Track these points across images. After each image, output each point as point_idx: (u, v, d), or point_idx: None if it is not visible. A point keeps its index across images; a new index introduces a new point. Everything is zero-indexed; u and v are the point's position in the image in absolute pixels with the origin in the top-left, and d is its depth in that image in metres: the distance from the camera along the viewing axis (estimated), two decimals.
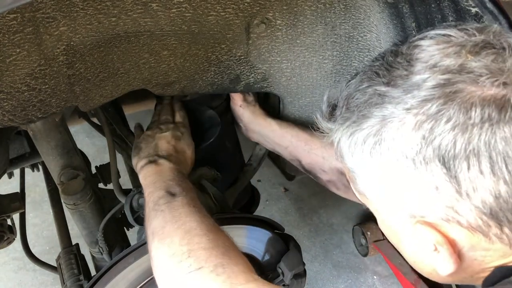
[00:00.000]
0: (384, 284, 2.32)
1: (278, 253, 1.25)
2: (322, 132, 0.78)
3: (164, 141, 1.17)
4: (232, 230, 1.20)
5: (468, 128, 0.60)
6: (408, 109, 0.64)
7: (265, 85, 1.23)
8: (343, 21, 1.09)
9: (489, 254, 0.66)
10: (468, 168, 0.61)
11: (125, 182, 1.39)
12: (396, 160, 0.65)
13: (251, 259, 1.24)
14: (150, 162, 1.12)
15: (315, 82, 1.24)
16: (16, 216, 1.56)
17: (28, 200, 1.87)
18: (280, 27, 1.09)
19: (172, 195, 0.99)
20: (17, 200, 1.48)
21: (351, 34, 1.11)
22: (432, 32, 0.69)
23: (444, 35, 0.68)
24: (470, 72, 0.62)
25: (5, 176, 1.61)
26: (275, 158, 1.88)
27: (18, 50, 0.86)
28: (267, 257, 1.27)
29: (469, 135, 0.60)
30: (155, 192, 1.01)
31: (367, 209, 0.78)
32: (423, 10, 0.88)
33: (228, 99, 1.41)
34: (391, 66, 0.69)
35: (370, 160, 0.68)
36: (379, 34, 1.05)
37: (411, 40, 0.70)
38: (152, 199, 1.00)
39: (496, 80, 0.61)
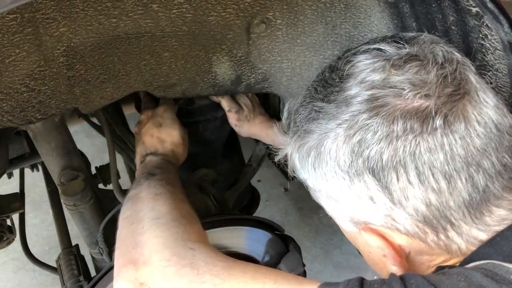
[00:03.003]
0: None
1: (278, 254, 1.25)
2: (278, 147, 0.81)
3: (148, 135, 1.21)
4: (232, 231, 1.20)
5: (393, 140, 0.62)
6: (339, 124, 0.67)
7: (266, 85, 1.23)
8: (344, 20, 1.08)
9: (433, 259, 0.69)
10: (397, 178, 0.63)
11: (125, 182, 1.39)
12: (335, 173, 0.68)
13: (251, 260, 1.25)
14: (141, 162, 1.18)
15: None
16: (15, 217, 1.56)
17: (27, 200, 1.86)
18: (280, 27, 1.08)
19: (152, 174, 1.06)
20: (17, 201, 1.48)
21: (352, 34, 1.11)
22: (365, 47, 0.72)
23: (374, 49, 0.70)
24: (393, 86, 0.64)
25: (5, 176, 1.61)
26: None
27: (17, 50, 0.86)
28: (267, 258, 1.26)
29: (394, 147, 0.62)
30: (138, 177, 1.08)
31: None
32: (424, 10, 0.88)
33: None
34: (326, 82, 0.73)
35: (314, 173, 0.71)
36: (379, 33, 1.04)
37: (346, 55, 0.73)
38: (134, 182, 1.08)
39: (418, 93, 0.63)
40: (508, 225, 0.64)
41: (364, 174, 0.65)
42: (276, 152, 0.81)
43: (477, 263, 0.62)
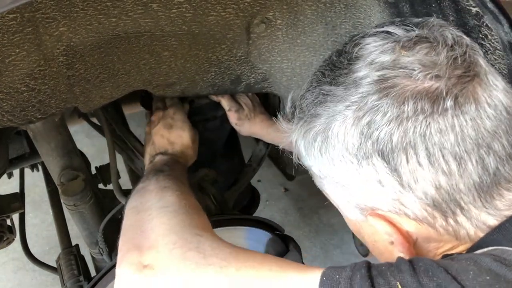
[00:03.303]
0: None
1: (278, 254, 1.25)
2: (283, 133, 0.80)
3: (159, 136, 1.21)
4: (232, 231, 1.20)
5: (403, 121, 0.61)
6: (348, 106, 0.65)
7: (265, 85, 1.23)
8: (344, 20, 1.08)
9: (440, 246, 0.68)
10: (407, 160, 0.62)
11: (125, 182, 1.39)
12: (342, 156, 0.67)
13: None
14: (151, 162, 1.18)
15: None
16: (15, 217, 1.56)
17: (27, 200, 1.86)
18: (280, 27, 1.08)
19: (160, 171, 1.07)
20: (17, 200, 1.48)
21: (352, 34, 1.11)
22: (373, 30, 0.71)
23: (383, 31, 0.69)
24: (404, 67, 0.63)
25: (5, 176, 1.61)
26: (275, 158, 1.89)
27: (17, 50, 0.86)
28: None
29: (404, 128, 0.61)
30: (147, 173, 1.09)
31: None
32: (424, 10, 0.88)
33: None
34: (334, 66, 0.71)
35: (321, 158, 0.70)
36: None
37: (354, 38, 0.72)
38: (142, 177, 1.08)
39: (428, 73, 0.62)
40: None
41: (373, 156, 0.64)
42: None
43: (485, 249, 0.61)
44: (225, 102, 1.35)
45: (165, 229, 0.78)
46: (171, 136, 1.21)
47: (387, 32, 0.69)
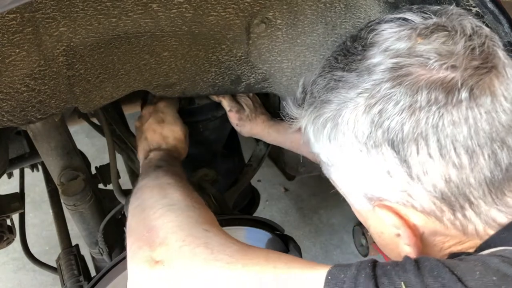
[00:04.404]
0: None
1: None
2: (292, 119, 0.79)
3: (151, 131, 1.21)
4: (232, 231, 1.20)
5: (416, 111, 0.60)
6: (360, 93, 0.64)
7: (266, 85, 1.23)
8: (344, 20, 1.08)
9: (447, 240, 0.67)
10: (417, 151, 0.61)
11: (125, 182, 1.39)
12: (351, 144, 0.66)
13: None
14: (146, 158, 1.17)
15: None
16: (15, 217, 1.56)
17: (27, 200, 1.86)
18: (280, 27, 1.08)
19: (159, 166, 1.07)
20: (17, 200, 1.48)
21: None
22: (390, 16, 0.69)
23: (399, 18, 0.68)
24: (419, 55, 0.62)
25: (5, 176, 1.61)
26: (275, 158, 1.89)
27: (17, 50, 0.86)
28: None
29: (417, 118, 0.60)
30: (145, 170, 1.09)
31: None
32: None
33: None
34: (348, 51, 0.70)
35: (329, 145, 0.69)
36: None
37: (370, 24, 0.70)
38: (141, 174, 1.08)
39: (444, 63, 0.61)
40: None
41: (383, 146, 0.62)
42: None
43: (494, 249, 0.60)
44: (226, 103, 1.35)
45: (173, 226, 0.78)
46: (164, 130, 1.21)
47: (404, 19, 0.67)
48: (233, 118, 1.37)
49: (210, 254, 0.70)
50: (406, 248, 0.66)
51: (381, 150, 0.63)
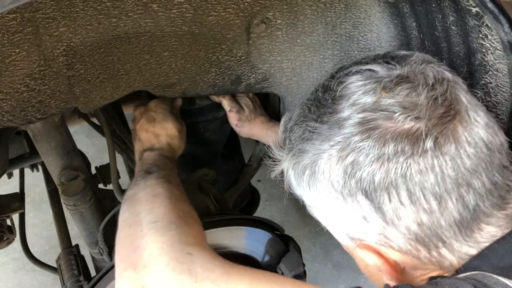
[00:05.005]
0: None
1: (278, 254, 1.25)
2: (274, 161, 0.83)
3: (143, 131, 1.21)
4: (232, 231, 1.20)
5: (385, 162, 0.64)
6: (332, 145, 0.68)
7: (266, 85, 1.23)
8: (344, 20, 1.08)
9: (427, 273, 0.71)
10: (390, 199, 0.64)
11: (125, 182, 1.38)
12: (329, 192, 0.70)
13: (251, 260, 1.25)
14: (140, 159, 1.18)
15: (316, 82, 1.23)
16: (15, 217, 1.56)
17: (27, 200, 1.86)
18: (280, 27, 1.08)
19: (149, 173, 1.06)
20: (17, 200, 1.48)
21: (352, 34, 1.11)
22: (357, 67, 0.73)
23: (366, 70, 0.72)
24: (384, 109, 0.66)
25: (5, 176, 1.60)
26: None
27: (17, 50, 0.86)
28: (267, 258, 1.26)
29: (386, 169, 0.64)
30: (136, 175, 1.08)
31: None
32: (424, 9, 0.88)
33: None
34: (319, 103, 0.74)
35: (309, 191, 0.73)
36: (379, 33, 1.04)
37: (339, 74, 0.74)
38: (132, 180, 1.07)
39: (408, 116, 0.64)
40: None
41: (357, 194, 0.66)
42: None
43: (468, 273, 0.64)
44: (226, 103, 1.35)
45: (156, 248, 0.80)
46: (155, 129, 1.21)
47: (370, 70, 0.71)
48: (233, 118, 1.37)
49: (194, 282, 0.72)
50: (389, 282, 0.70)
51: (356, 198, 0.67)
